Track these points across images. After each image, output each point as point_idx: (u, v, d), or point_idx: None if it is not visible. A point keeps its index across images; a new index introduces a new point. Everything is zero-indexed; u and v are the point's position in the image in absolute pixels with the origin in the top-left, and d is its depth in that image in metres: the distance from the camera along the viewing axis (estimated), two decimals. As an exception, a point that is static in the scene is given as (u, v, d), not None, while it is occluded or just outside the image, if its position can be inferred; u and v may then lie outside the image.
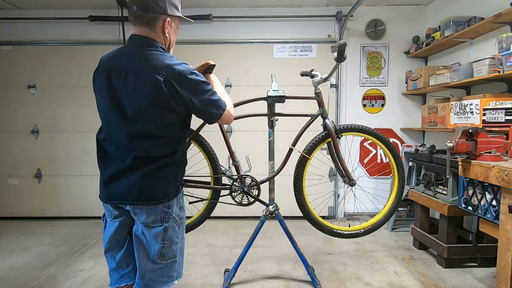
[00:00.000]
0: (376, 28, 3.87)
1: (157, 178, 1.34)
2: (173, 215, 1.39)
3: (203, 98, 1.34)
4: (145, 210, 1.33)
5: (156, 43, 1.33)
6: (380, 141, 2.20)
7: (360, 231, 2.23)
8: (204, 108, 1.36)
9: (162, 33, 1.35)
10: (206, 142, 2.09)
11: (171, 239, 1.38)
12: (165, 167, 1.35)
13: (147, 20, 1.31)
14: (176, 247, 1.41)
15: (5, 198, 4.00)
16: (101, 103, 1.35)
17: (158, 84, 1.24)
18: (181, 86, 1.27)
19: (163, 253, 1.36)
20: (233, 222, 3.82)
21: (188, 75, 1.29)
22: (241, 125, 3.54)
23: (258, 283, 2.41)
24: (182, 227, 1.45)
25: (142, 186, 1.31)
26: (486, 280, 2.42)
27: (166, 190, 1.36)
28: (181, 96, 1.28)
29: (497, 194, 1.83)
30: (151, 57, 1.28)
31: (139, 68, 1.26)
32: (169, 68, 1.26)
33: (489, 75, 2.44)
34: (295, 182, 2.16)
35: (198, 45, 3.87)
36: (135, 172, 1.31)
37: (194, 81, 1.31)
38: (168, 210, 1.37)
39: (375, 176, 3.93)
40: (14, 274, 2.58)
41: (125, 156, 1.32)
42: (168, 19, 1.34)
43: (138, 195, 1.32)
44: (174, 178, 1.39)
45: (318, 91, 2.17)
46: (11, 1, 3.63)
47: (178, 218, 1.42)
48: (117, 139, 1.34)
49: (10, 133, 3.97)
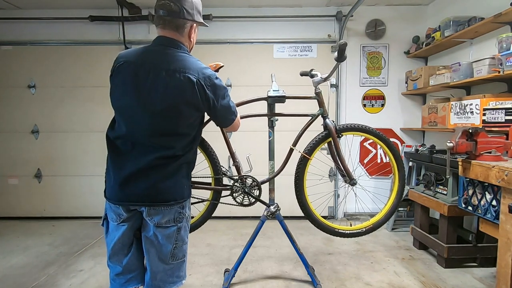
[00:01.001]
0: (376, 28, 3.87)
1: (176, 178, 1.37)
2: (186, 215, 1.42)
3: (223, 102, 1.45)
4: (161, 211, 1.34)
5: (183, 46, 1.41)
6: (380, 141, 2.20)
7: (361, 230, 2.23)
8: (222, 112, 1.47)
9: (188, 38, 1.44)
10: (206, 143, 2.09)
11: (183, 239, 1.41)
12: (182, 166, 1.39)
13: (177, 25, 1.38)
14: (186, 247, 1.45)
15: (5, 198, 4.00)
16: (125, 100, 1.32)
17: (192, 84, 1.31)
18: (209, 88, 1.36)
19: (174, 253, 1.39)
20: (233, 222, 3.82)
21: (214, 80, 1.38)
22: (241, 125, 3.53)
23: (258, 283, 2.42)
24: (189, 226, 1.50)
25: (162, 187, 1.33)
26: (486, 280, 2.42)
27: (182, 191, 1.39)
28: (207, 97, 1.36)
29: (497, 194, 1.83)
30: (182, 58, 1.35)
31: (171, 67, 1.31)
32: (200, 70, 1.35)
33: (489, 75, 2.44)
34: (296, 182, 2.16)
35: (198, 45, 3.77)
36: (156, 172, 1.32)
37: (218, 85, 1.40)
38: (182, 210, 1.39)
39: (375, 175, 3.93)
40: (14, 274, 2.58)
41: (142, 155, 1.31)
42: (195, 25, 1.45)
43: (156, 196, 1.32)
44: (188, 177, 1.44)
45: (318, 91, 2.17)
46: (11, 1, 3.63)
47: (189, 218, 1.46)
48: (136, 137, 1.32)
49: (10, 133, 3.97)
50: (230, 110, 1.52)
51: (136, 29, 3.85)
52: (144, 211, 1.34)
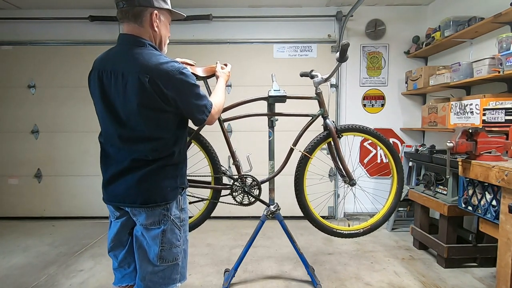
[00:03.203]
0: (376, 28, 3.87)
1: (155, 181, 1.31)
2: (172, 217, 1.35)
3: (187, 100, 1.30)
4: (143, 212, 1.31)
5: (145, 41, 1.30)
6: (380, 142, 2.20)
7: (359, 231, 2.23)
8: (190, 111, 1.33)
9: (150, 27, 1.31)
10: (206, 142, 2.09)
11: (171, 242, 1.35)
12: (163, 168, 1.32)
13: (134, 15, 1.28)
14: (177, 250, 1.38)
15: (5, 198, 4.00)
16: (97, 107, 1.35)
17: (143, 85, 1.21)
18: (167, 86, 1.23)
19: (162, 255, 1.34)
20: (233, 222, 3.82)
21: (175, 75, 1.24)
22: (242, 125, 3.55)
23: (258, 283, 2.41)
24: (184, 229, 1.42)
25: (139, 189, 1.30)
26: (486, 280, 2.42)
27: (164, 193, 1.32)
28: (166, 96, 1.25)
29: (497, 194, 1.83)
30: (138, 56, 1.24)
31: (126, 69, 1.23)
32: (155, 67, 1.22)
33: (489, 75, 2.44)
34: (296, 181, 2.16)
35: (198, 45, 3.87)
36: (132, 174, 1.30)
37: (180, 81, 1.26)
38: (166, 212, 1.33)
39: (375, 176, 3.93)
40: (14, 274, 2.58)
41: (124, 158, 1.31)
42: (156, 12, 1.30)
43: (135, 197, 1.30)
44: (173, 180, 1.36)
45: (319, 91, 2.17)
46: (11, 1, 3.63)
47: (178, 220, 1.38)
48: (113, 142, 1.33)
49: (10, 133, 3.97)
50: (198, 108, 1.35)
51: (136, 29, 3.84)
52: (129, 211, 1.35)
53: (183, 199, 1.42)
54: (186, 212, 1.44)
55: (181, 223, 1.39)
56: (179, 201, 1.39)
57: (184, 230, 1.42)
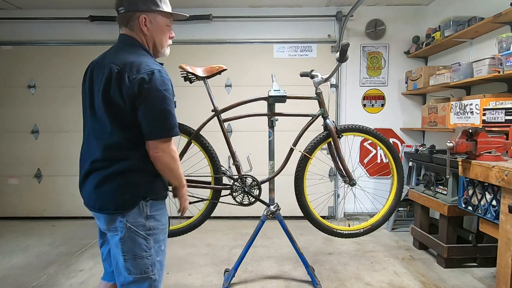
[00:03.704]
0: (376, 28, 3.87)
1: (111, 187, 1.23)
2: (129, 225, 1.23)
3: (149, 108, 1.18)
4: (102, 216, 1.27)
5: (137, 42, 1.29)
6: (380, 142, 2.20)
7: (359, 231, 2.23)
8: (143, 119, 1.19)
9: (140, 32, 1.29)
10: (206, 142, 2.09)
11: (133, 252, 1.24)
12: (121, 174, 1.23)
13: (126, 20, 1.28)
14: (146, 262, 1.26)
15: (5, 198, 3.99)
16: (83, 101, 1.33)
17: (111, 75, 1.17)
18: (132, 81, 1.15)
19: (127, 266, 1.24)
20: (233, 222, 3.82)
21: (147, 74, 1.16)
22: (242, 125, 3.55)
23: (258, 283, 2.41)
24: (155, 238, 1.28)
25: (96, 194, 1.25)
26: (486, 280, 2.42)
27: (120, 202, 1.22)
28: (127, 91, 1.16)
29: (497, 194, 1.83)
30: (124, 52, 1.23)
31: (109, 62, 1.21)
32: (131, 62, 1.17)
33: (489, 75, 2.44)
34: (296, 182, 2.16)
35: (198, 45, 3.87)
36: (91, 177, 1.25)
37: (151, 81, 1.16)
38: (123, 219, 1.23)
39: (375, 176, 3.93)
40: (14, 274, 2.58)
41: (87, 159, 1.28)
42: (144, 16, 1.26)
43: (94, 203, 1.27)
44: (133, 187, 1.23)
45: (319, 91, 2.17)
46: (11, 1, 3.63)
47: (143, 229, 1.25)
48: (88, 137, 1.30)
49: (10, 133, 3.97)
50: (158, 123, 1.19)
51: (136, 29, 3.85)
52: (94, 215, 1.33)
53: (152, 205, 1.28)
54: (158, 220, 1.29)
55: (147, 232, 1.25)
56: (143, 208, 1.25)
57: (156, 239, 1.28)
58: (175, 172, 1.30)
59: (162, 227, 1.32)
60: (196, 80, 2.01)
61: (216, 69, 1.99)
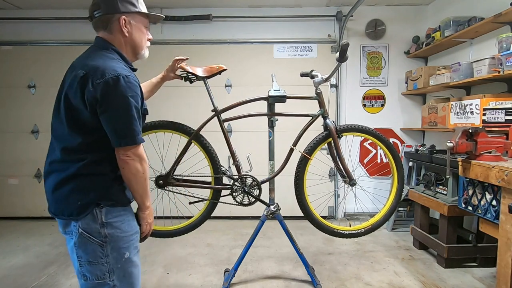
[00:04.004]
0: (376, 28, 3.87)
1: (65, 191, 1.19)
2: (83, 231, 1.18)
3: (111, 113, 1.14)
4: (58, 220, 1.24)
5: (109, 45, 1.26)
6: (380, 141, 2.20)
7: (360, 230, 2.23)
8: (106, 126, 1.16)
9: (120, 33, 1.26)
10: (206, 142, 2.09)
11: (86, 259, 1.19)
12: (75, 178, 1.18)
13: (103, 24, 1.25)
14: (101, 268, 1.20)
15: (5, 198, 4.00)
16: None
17: (75, 78, 1.15)
18: (96, 86, 1.12)
19: (82, 271, 1.20)
20: (233, 222, 3.82)
21: (112, 78, 1.13)
22: (242, 125, 3.55)
23: (258, 283, 2.42)
24: (115, 246, 1.21)
25: (52, 198, 1.22)
26: (486, 280, 2.42)
27: (72, 207, 1.17)
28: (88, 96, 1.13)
29: (497, 194, 1.83)
30: (93, 55, 1.21)
31: (78, 65, 1.19)
32: (95, 66, 1.14)
33: (489, 75, 2.44)
34: (296, 182, 2.16)
35: (198, 45, 3.87)
36: (50, 179, 1.23)
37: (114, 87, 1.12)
38: (76, 223, 1.18)
39: (375, 176, 3.93)
40: (14, 274, 2.58)
41: (48, 159, 1.26)
42: (124, 17, 1.24)
43: (50, 205, 1.24)
44: (85, 193, 1.18)
45: (319, 91, 2.16)
46: (11, 1, 3.63)
47: (99, 236, 1.18)
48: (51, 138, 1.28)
49: (10, 133, 3.97)
50: (121, 129, 1.15)
51: (136, 29, 3.84)
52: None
53: (108, 212, 1.21)
54: (116, 227, 1.22)
55: (103, 239, 1.19)
56: (97, 214, 1.19)
57: (115, 247, 1.21)
58: (140, 183, 1.23)
59: (123, 235, 1.23)
60: (196, 80, 2.01)
61: (216, 69, 2.00)
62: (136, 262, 1.29)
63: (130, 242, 1.25)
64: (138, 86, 1.22)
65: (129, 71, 1.21)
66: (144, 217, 1.32)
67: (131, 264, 1.26)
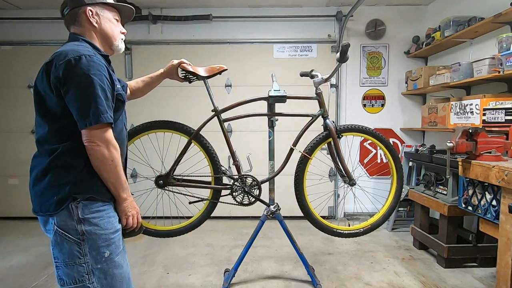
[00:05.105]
0: (376, 28, 3.87)
1: (41, 186, 1.16)
2: (58, 228, 1.13)
3: (74, 92, 1.11)
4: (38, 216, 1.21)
5: (81, 37, 1.26)
6: (379, 142, 2.20)
7: (359, 230, 2.23)
8: (72, 106, 1.13)
9: (89, 25, 1.26)
10: (206, 142, 2.09)
11: (63, 259, 1.14)
12: (50, 171, 1.15)
13: (72, 19, 1.26)
14: (79, 269, 1.14)
15: (5, 198, 3.99)
16: None
17: (44, 66, 1.16)
18: (58, 67, 1.11)
19: (59, 275, 1.15)
20: (233, 222, 3.82)
21: (71, 58, 1.11)
22: (242, 125, 3.55)
23: (258, 283, 2.42)
24: (94, 245, 1.15)
25: (32, 194, 1.19)
26: (486, 280, 2.42)
27: (49, 203, 1.13)
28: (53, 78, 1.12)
29: (497, 194, 1.83)
30: (63, 46, 1.21)
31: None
32: (62, 51, 1.14)
33: (489, 75, 2.44)
34: (296, 182, 2.16)
35: (198, 45, 3.87)
36: (31, 176, 1.20)
37: (74, 66, 1.10)
38: (53, 220, 1.14)
39: (375, 176, 3.93)
40: (14, 274, 2.58)
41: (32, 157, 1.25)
42: (90, 9, 1.25)
43: (31, 202, 1.20)
44: (61, 186, 1.13)
45: (319, 91, 2.16)
46: (11, 1, 3.63)
47: (75, 233, 1.13)
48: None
49: (10, 133, 3.97)
50: (85, 108, 1.10)
51: (136, 29, 3.85)
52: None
53: (86, 207, 1.16)
54: (95, 224, 1.16)
55: (80, 236, 1.14)
56: (73, 209, 1.14)
57: (93, 246, 1.15)
58: (110, 171, 1.16)
59: (102, 232, 1.16)
60: (196, 80, 2.01)
61: (216, 69, 1.99)
62: (119, 263, 1.21)
63: (110, 240, 1.19)
64: (104, 67, 1.18)
65: (95, 53, 1.18)
66: (121, 210, 1.23)
67: (113, 265, 1.19)
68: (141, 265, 2.72)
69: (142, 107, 3.58)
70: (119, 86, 1.27)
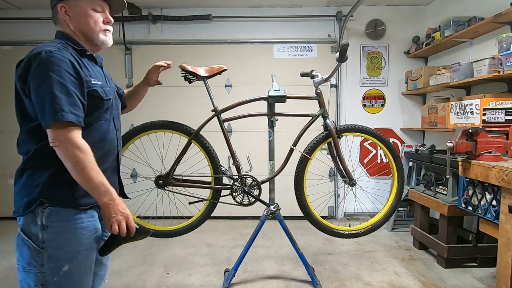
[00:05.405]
0: (376, 28, 3.87)
1: (16, 187, 1.17)
2: (20, 231, 1.11)
3: (36, 90, 1.08)
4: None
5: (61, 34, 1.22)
6: (380, 141, 2.20)
7: (360, 231, 2.23)
8: (36, 105, 1.09)
9: (64, 22, 1.21)
10: (206, 142, 2.09)
11: (22, 264, 1.10)
12: (23, 172, 1.15)
13: (53, 17, 1.24)
14: (34, 278, 1.07)
15: (5, 198, 3.99)
16: None
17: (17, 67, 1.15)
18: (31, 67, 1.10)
19: (19, 276, 1.12)
20: (233, 222, 3.82)
21: (38, 55, 1.07)
22: (242, 125, 3.55)
23: (258, 283, 2.42)
24: (54, 256, 1.08)
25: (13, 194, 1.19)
26: (486, 280, 2.42)
27: (19, 204, 1.13)
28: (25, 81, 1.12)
29: (497, 194, 1.83)
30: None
31: None
32: (32, 51, 1.10)
33: (489, 75, 2.44)
34: (296, 182, 2.16)
35: (198, 45, 3.87)
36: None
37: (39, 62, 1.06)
38: (19, 223, 1.12)
39: (375, 176, 3.93)
40: (14, 274, 2.57)
41: None
42: (61, 5, 1.19)
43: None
44: (29, 189, 1.11)
45: (319, 91, 2.16)
46: (11, 1, 3.63)
47: (36, 240, 1.07)
48: None
49: (10, 133, 3.97)
50: (46, 105, 1.04)
51: (136, 29, 3.85)
52: None
53: (51, 214, 1.09)
54: (58, 233, 1.09)
55: (40, 244, 1.07)
56: (38, 214, 1.08)
57: (53, 257, 1.08)
58: (77, 173, 1.06)
59: (66, 243, 1.09)
60: (195, 80, 2.01)
61: (216, 69, 2.00)
62: (78, 282, 1.12)
63: (74, 254, 1.09)
64: (68, 62, 1.10)
65: (60, 48, 1.11)
66: (103, 215, 1.11)
67: (72, 282, 1.10)
68: (141, 265, 2.72)
69: (142, 107, 3.55)
70: (94, 82, 1.17)
